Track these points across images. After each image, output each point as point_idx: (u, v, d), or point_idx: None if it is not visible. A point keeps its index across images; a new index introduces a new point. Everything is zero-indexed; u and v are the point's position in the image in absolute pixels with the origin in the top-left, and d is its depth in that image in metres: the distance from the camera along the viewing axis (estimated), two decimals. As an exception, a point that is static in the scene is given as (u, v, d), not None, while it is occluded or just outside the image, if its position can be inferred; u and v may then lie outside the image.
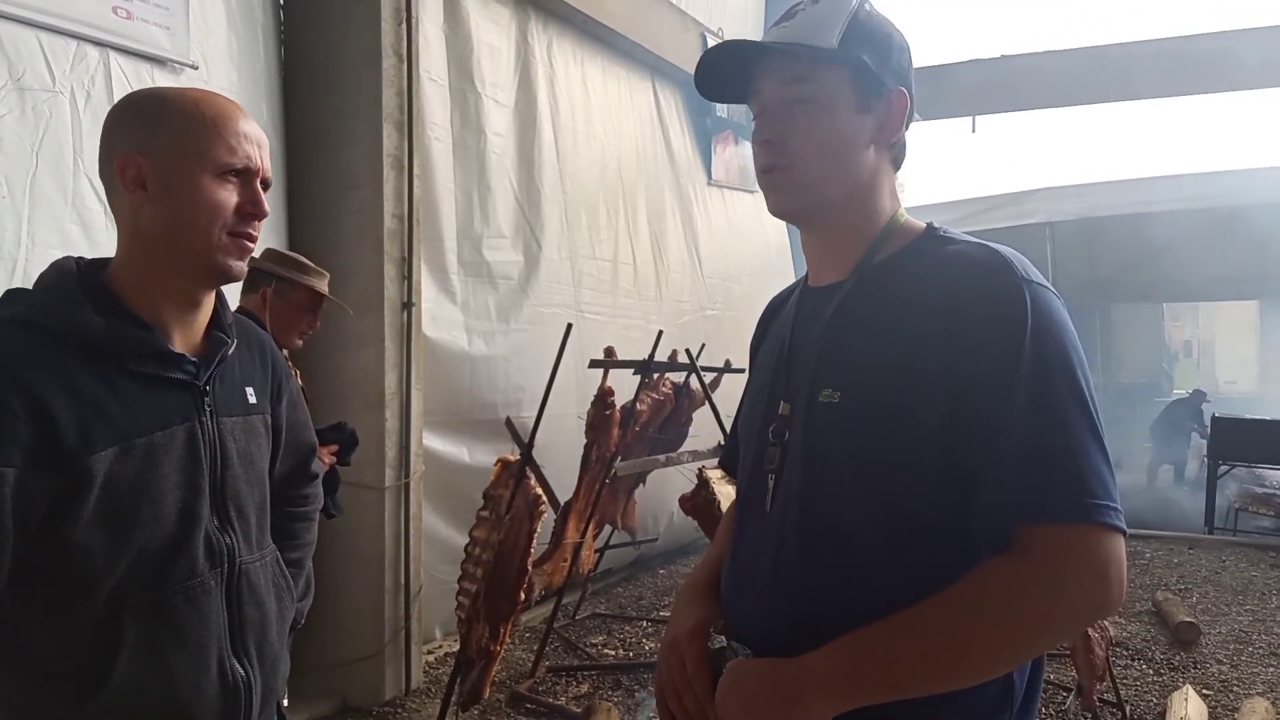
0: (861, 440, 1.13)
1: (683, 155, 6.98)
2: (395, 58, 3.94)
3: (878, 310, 1.18)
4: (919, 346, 1.11)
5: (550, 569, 4.16)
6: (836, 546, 1.15)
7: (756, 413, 1.32)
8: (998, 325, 1.08)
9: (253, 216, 1.31)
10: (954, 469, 1.09)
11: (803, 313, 1.30)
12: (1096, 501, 1.03)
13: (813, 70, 1.19)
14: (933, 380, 1.09)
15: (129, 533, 1.23)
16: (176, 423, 1.29)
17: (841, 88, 1.19)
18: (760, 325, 1.50)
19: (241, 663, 1.36)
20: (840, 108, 1.19)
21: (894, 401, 1.11)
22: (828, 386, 1.18)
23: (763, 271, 8.02)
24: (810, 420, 1.19)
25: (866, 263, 1.23)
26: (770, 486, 1.24)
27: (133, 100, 1.33)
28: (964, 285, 1.11)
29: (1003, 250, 1.15)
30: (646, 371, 4.49)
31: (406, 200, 3.99)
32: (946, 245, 1.19)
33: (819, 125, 1.19)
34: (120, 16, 3.05)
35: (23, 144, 2.79)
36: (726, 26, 7.65)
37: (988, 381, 1.07)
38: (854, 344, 1.19)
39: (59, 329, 1.22)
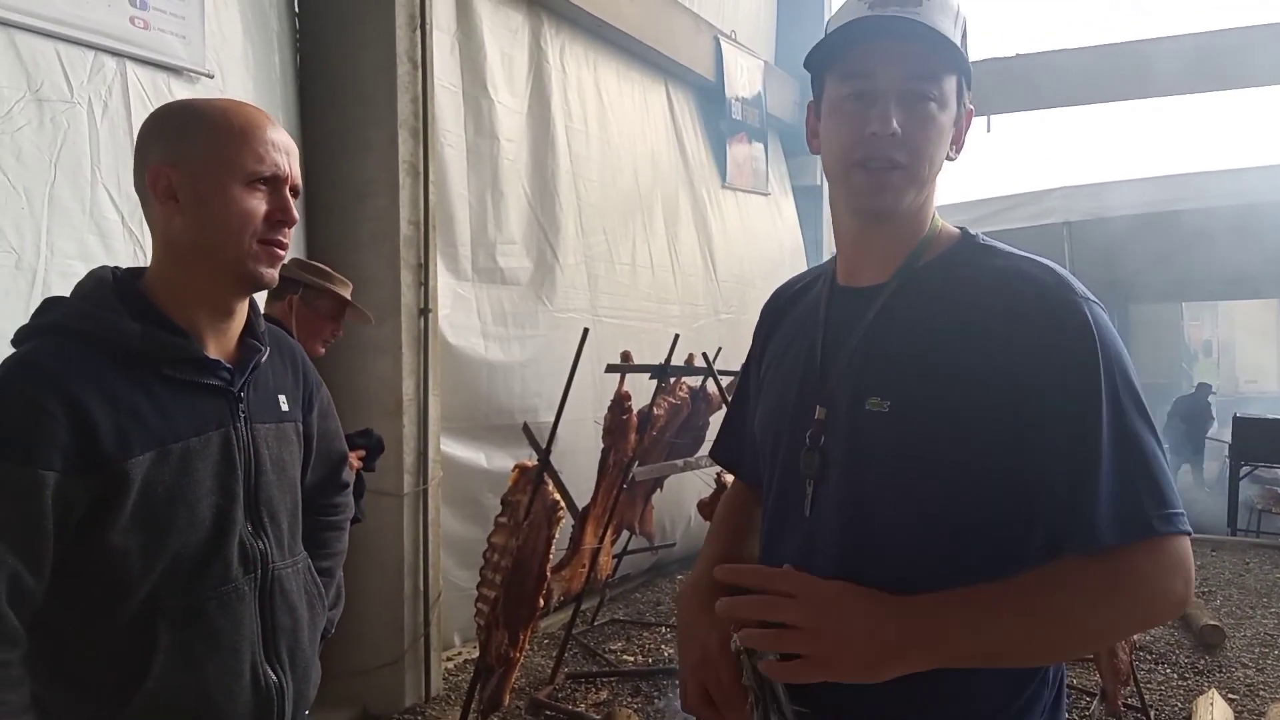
0: (913, 449, 1.13)
1: (697, 158, 6.97)
2: (410, 64, 3.95)
3: (927, 315, 1.17)
4: (978, 358, 1.10)
5: (569, 575, 4.15)
6: (881, 554, 1.14)
7: (782, 415, 1.29)
8: (1070, 351, 1.08)
9: (282, 224, 1.32)
10: (1009, 480, 1.10)
11: (836, 312, 1.27)
12: (1173, 510, 1.07)
13: (941, 68, 1.15)
14: (994, 393, 1.09)
15: (165, 537, 1.24)
16: (212, 428, 1.31)
17: (953, 93, 1.17)
18: (766, 318, 1.45)
19: (274, 668, 1.37)
20: (950, 112, 1.18)
21: (949, 411, 1.11)
22: (875, 394, 1.16)
23: (776, 274, 7.99)
24: (855, 427, 1.17)
25: (910, 265, 1.21)
26: (809, 493, 1.21)
27: (164, 113, 1.35)
28: (1027, 302, 1.11)
29: (1056, 267, 1.15)
30: (663, 376, 4.48)
31: (423, 207, 4.00)
32: (993, 256, 1.19)
33: (940, 128, 1.16)
34: (137, 27, 3.07)
35: (41, 155, 2.80)
36: (740, 29, 7.64)
37: (1064, 410, 1.08)
38: (901, 349, 1.17)
39: (96, 335, 1.24)
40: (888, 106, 1.13)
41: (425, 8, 4.00)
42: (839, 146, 1.19)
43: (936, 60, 1.14)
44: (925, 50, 1.13)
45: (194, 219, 1.28)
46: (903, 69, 1.13)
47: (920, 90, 1.13)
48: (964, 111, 1.21)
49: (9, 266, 2.70)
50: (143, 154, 1.31)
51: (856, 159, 1.16)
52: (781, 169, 8.44)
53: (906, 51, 1.13)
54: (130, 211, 3.00)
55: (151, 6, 3.11)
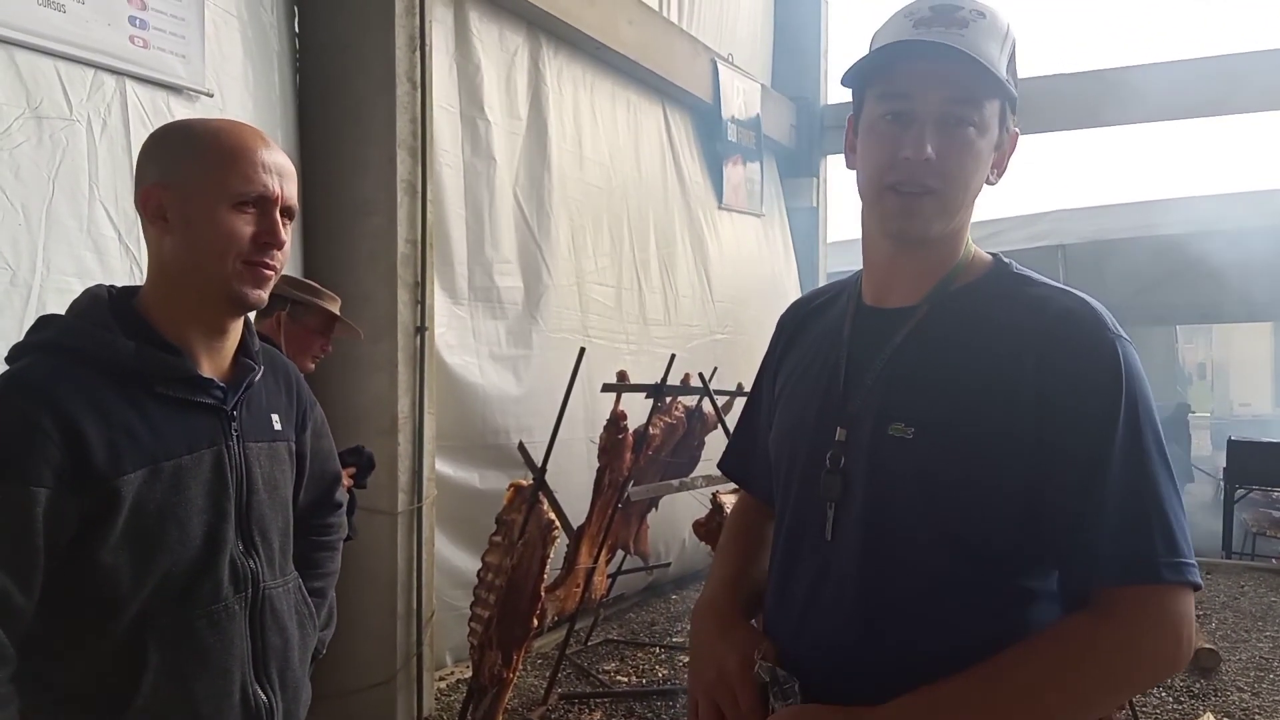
0: (936, 477, 1.11)
1: (693, 180, 7.00)
2: (409, 85, 3.97)
3: (957, 342, 1.15)
4: (1007, 380, 1.09)
5: (563, 594, 4.14)
6: (902, 580, 1.13)
7: (801, 434, 1.26)
8: (1095, 381, 1.07)
9: (269, 246, 1.32)
10: (1025, 508, 1.09)
11: (861, 333, 1.25)
12: (1182, 559, 1.05)
13: (982, 93, 1.13)
14: (1021, 417, 1.08)
15: (156, 555, 1.24)
16: (204, 446, 1.31)
17: (995, 118, 1.15)
18: (784, 330, 1.43)
19: (264, 688, 1.37)
20: (991, 140, 1.16)
21: (974, 435, 1.10)
22: (899, 420, 1.14)
23: (770, 294, 8.01)
24: (878, 452, 1.16)
25: (943, 290, 1.19)
26: (830, 516, 1.19)
27: (161, 133, 1.36)
28: (1059, 331, 1.10)
29: (1091, 301, 1.14)
30: (659, 395, 4.48)
31: (420, 226, 4.01)
32: (1029, 286, 1.18)
33: (976, 154, 1.14)
34: (137, 45, 3.08)
35: (39, 172, 2.81)
36: (737, 53, 7.70)
37: (1082, 438, 1.06)
38: (929, 375, 1.15)
39: (90, 353, 1.24)
40: (923, 131, 1.12)
41: (425, 29, 4.03)
42: (873, 167, 1.17)
43: (978, 85, 1.12)
44: (966, 75, 1.11)
45: (182, 239, 1.29)
46: (942, 93, 1.11)
47: (959, 115, 1.12)
48: (1007, 136, 1.19)
49: (4, 283, 2.70)
50: (140, 174, 1.33)
51: (889, 182, 1.15)
52: (776, 191, 8.48)
53: (946, 75, 1.11)
54: (127, 229, 3.01)
55: (152, 26, 3.12)
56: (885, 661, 1.11)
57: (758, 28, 8.49)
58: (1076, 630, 1.05)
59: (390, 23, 3.92)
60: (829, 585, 1.18)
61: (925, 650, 1.09)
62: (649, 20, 6.28)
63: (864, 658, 1.13)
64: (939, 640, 1.09)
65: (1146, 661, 1.05)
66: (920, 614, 1.11)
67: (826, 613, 1.18)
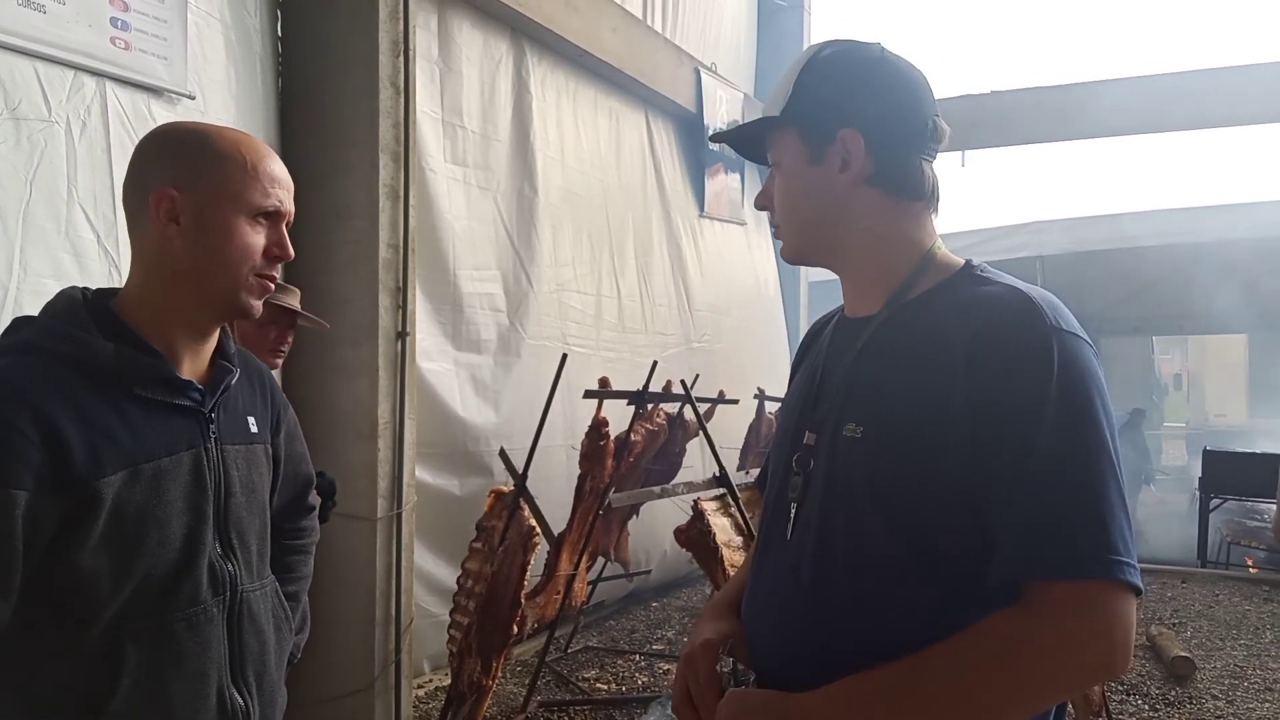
0: (882, 475, 1.13)
1: (674, 188, 7.02)
2: (393, 90, 3.96)
3: (904, 346, 1.19)
4: (942, 386, 1.10)
5: (543, 601, 4.13)
6: (851, 579, 1.15)
7: (785, 440, 1.33)
8: (1023, 374, 1.07)
9: (279, 259, 1.35)
10: (971, 510, 1.08)
11: (836, 343, 1.32)
12: (1117, 558, 1.02)
13: (773, 138, 1.31)
14: (954, 420, 1.08)
15: (135, 558, 1.23)
16: (183, 449, 1.30)
17: (792, 147, 1.27)
18: (801, 347, 1.51)
19: (240, 692, 1.36)
20: (795, 165, 1.27)
21: (914, 437, 1.11)
22: (851, 420, 1.19)
23: (752, 304, 8.05)
24: (833, 452, 1.20)
25: (898, 299, 1.23)
26: (791, 515, 1.24)
27: (172, 134, 1.35)
28: (990, 328, 1.10)
29: (1033, 294, 1.14)
30: (641, 402, 4.48)
31: (402, 231, 4.00)
32: (980, 285, 1.19)
33: (784, 186, 1.30)
34: (118, 47, 3.06)
35: (17, 173, 2.78)
36: (720, 62, 7.74)
37: (1010, 430, 1.06)
38: (878, 378, 1.20)
39: (68, 354, 1.23)
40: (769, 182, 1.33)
41: (409, 34, 4.02)
42: None
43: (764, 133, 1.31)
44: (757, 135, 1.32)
45: (195, 245, 1.29)
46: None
47: (771, 159, 1.31)
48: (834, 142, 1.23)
49: (-20, 284, 2.67)
50: (143, 173, 1.31)
51: None
52: (759, 199, 8.51)
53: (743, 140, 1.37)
54: (106, 232, 2.98)
55: (133, 27, 3.11)
56: (836, 658, 1.12)
57: (741, 37, 8.54)
58: (1003, 625, 1.05)
59: (374, 28, 3.91)
60: (786, 583, 1.22)
61: (875, 648, 1.09)
62: (632, 28, 6.30)
63: (816, 655, 1.16)
64: (889, 638, 1.09)
65: (1074, 661, 1.03)
66: (869, 611, 1.13)
67: (783, 609, 1.22)
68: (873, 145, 1.22)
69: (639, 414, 4.60)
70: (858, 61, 1.26)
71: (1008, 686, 1.04)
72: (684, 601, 6.63)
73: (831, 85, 1.25)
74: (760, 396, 6.32)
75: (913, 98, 1.26)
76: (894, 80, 1.25)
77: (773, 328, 8.52)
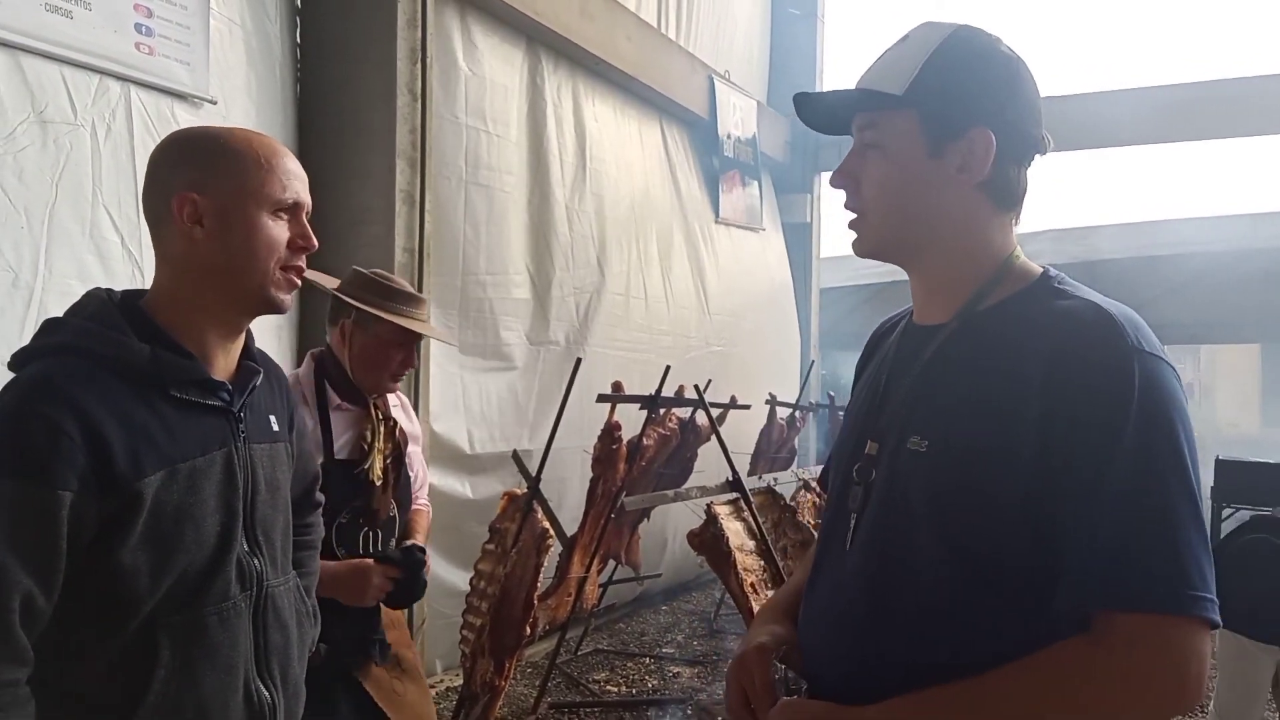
0: (944, 490, 1.10)
1: (690, 194, 7.05)
2: (410, 96, 4.01)
3: (976, 359, 1.14)
4: (1014, 401, 1.06)
5: (555, 603, 4.14)
6: (908, 594, 1.13)
7: (846, 448, 1.30)
8: (1102, 394, 1.02)
9: (304, 249, 1.38)
10: (1035, 529, 1.05)
11: (903, 350, 1.26)
12: (1194, 593, 0.98)
13: (879, 116, 1.18)
14: (1024, 441, 1.04)
15: (173, 555, 1.26)
16: (215, 448, 1.33)
17: (909, 133, 1.16)
18: (866, 350, 1.45)
19: (266, 685, 1.39)
20: (908, 154, 1.17)
21: (980, 452, 1.08)
22: (916, 433, 1.14)
23: (767, 309, 8.06)
24: (895, 465, 1.17)
25: (971, 308, 1.18)
26: (851, 525, 1.21)
27: (186, 140, 1.38)
28: (1068, 347, 1.06)
29: (1115, 312, 1.09)
30: (653, 406, 4.50)
31: (418, 235, 4.04)
32: (1058, 299, 1.14)
33: (886, 172, 1.18)
34: (143, 52, 3.11)
35: (43, 175, 2.83)
36: (734, 70, 7.76)
37: (1085, 451, 1.02)
38: (947, 392, 1.15)
39: (107, 356, 1.26)
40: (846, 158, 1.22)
41: (426, 41, 4.07)
42: None
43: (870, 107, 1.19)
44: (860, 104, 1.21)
45: (220, 245, 1.31)
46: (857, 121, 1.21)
47: (864, 140, 1.20)
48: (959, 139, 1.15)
49: (6, 285, 2.72)
50: (163, 179, 1.34)
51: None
52: (772, 206, 8.54)
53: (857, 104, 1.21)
54: (130, 233, 3.03)
55: (157, 33, 3.16)
56: (888, 672, 1.11)
57: (754, 45, 8.56)
58: (1071, 653, 1.01)
59: (392, 34, 3.96)
60: (843, 594, 1.20)
61: (929, 665, 1.07)
62: (647, 36, 6.34)
63: (870, 668, 1.14)
64: (944, 656, 1.08)
65: (1141, 696, 0.99)
66: (924, 627, 1.10)
67: (839, 621, 1.20)
68: (1000, 151, 1.15)
69: (651, 418, 4.62)
70: (995, 56, 1.18)
71: (1070, 716, 1.02)
72: (694, 605, 6.64)
73: (969, 77, 1.16)
74: (772, 402, 6.33)
75: (1036, 105, 1.20)
76: (1025, 83, 1.19)
77: (786, 333, 8.54)
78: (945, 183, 1.16)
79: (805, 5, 9.03)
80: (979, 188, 1.16)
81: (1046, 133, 1.20)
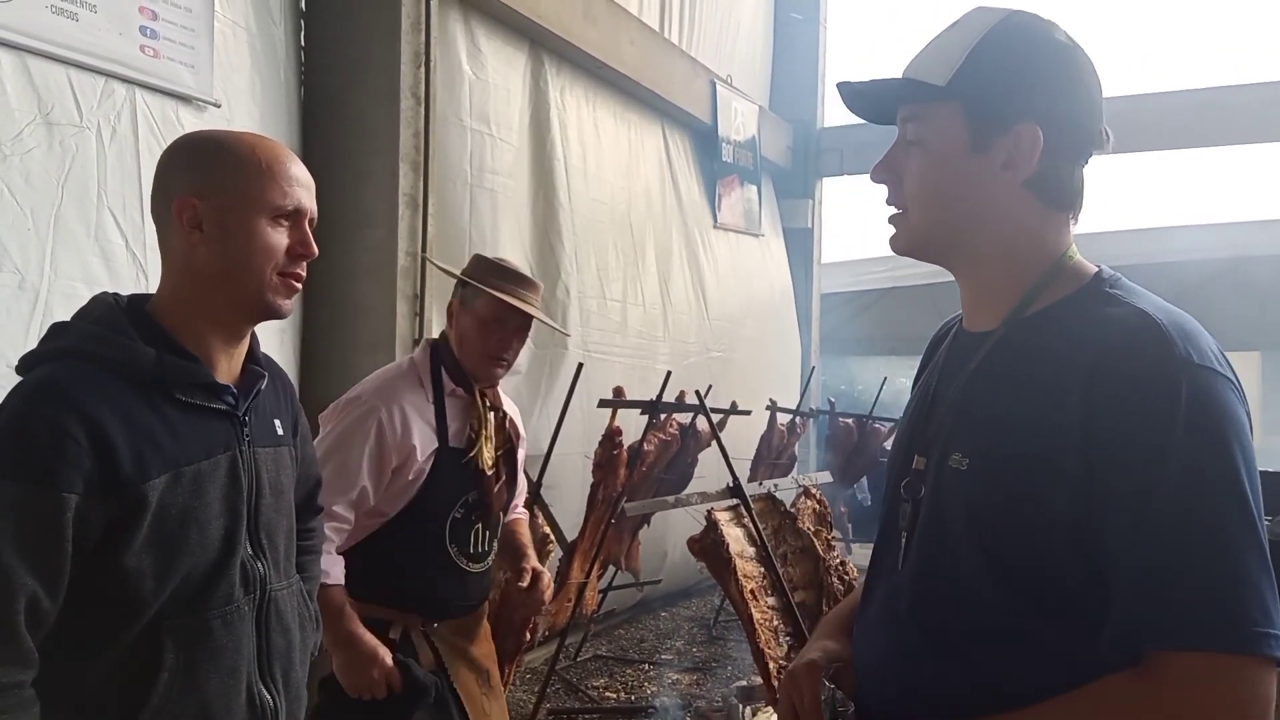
0: (984, 509, 1.05)
1: (690, 198, 7.05)
2: (413, 99, 4.01)
3: (1016, 371, 1.08)
4: (1054, 422, 1.00)
5: (554, 609, 4.14)
6: (956, 617, 1.08)
7: (897, 459, 1.25)
8: (1143, 415, 0.96)
9: (302, 257, 1.38)
10: (1079, 550, 0.99)
11: (951, 359, 1.21)
12: (1255, 629, 0.90)
13: (923, 109, 1.12)
14: (1068, 461, 0.98)
15: (177, 558, 1.27)
16: (219, 451, 1.34)
17: (951, 127, 1.11)
18: (926, 354, 1.37)
19: (269, 688, 1.39)
20: (950, 148, 1.11)
21: (1021, 471, 1.02)
22: (957, 450, 1.09)
23: (767, 315, 8.06)
24: (938, 482, 1.12)
25: (1017, 314, 1.12)
26: (902, 545, 1.16)
27: (190, 144, 1.39)
28: (1109, 359, 0.99)
29: (1165, 320, 1.01)
30: (654, 412, 4.51)
31: (421, 239, 4.05)
32: (1106, 305, 1.07)
33: (928, 168, 1.13)
34: (148, 55, 3.11)
35: (49, 177, 2.83)
36: (736, 74, 7.77)
37: (1130, 480, 0.95)
38: (987, 406, 1.10)
39: (112, 359, 1.27)
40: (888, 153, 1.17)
41: (429, 44, 4.08)
42: None
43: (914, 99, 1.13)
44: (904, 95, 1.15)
45: (219, 250, 1.32)
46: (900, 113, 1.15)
47: (908, 135, 1.14)
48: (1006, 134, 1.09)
49: (12, 287, 2.71)
50: (166, 183, 1.35)
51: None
52: (773, 211, 8.54)
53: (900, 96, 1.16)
54: (134, 236, 3.03)
55: (162, 36, 3.16)
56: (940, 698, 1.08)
57: (756, 50, 8.57)
58: (1122, 689, 0.94)
59: (395, 38, 3.97)
60: (894, 616, 1.16)
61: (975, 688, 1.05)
62: (650, 41, 6.35)
63: (920, 693, 1.11)
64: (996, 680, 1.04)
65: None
66: (976, 652, 1.06)
67: (890, 643, 1.16)
68: (1048, 147, 1.08)
69: (652, 424, 4.62)
70: (1047, 44, 1.10)
71: None
72: (693, 611, 6.64)
73: (1017, 67, 1.09)
74: (772, 408, 6.33)
75: (1095, 98, 1.12)
76: (1083, 74, 1.11)
77: (787, 339, 8.54)
78: (989, 180, 1.10)
79: (808, 10, 9.04)
80: (1026, 185, 1.10)
81: (1107, 128, 1.12)
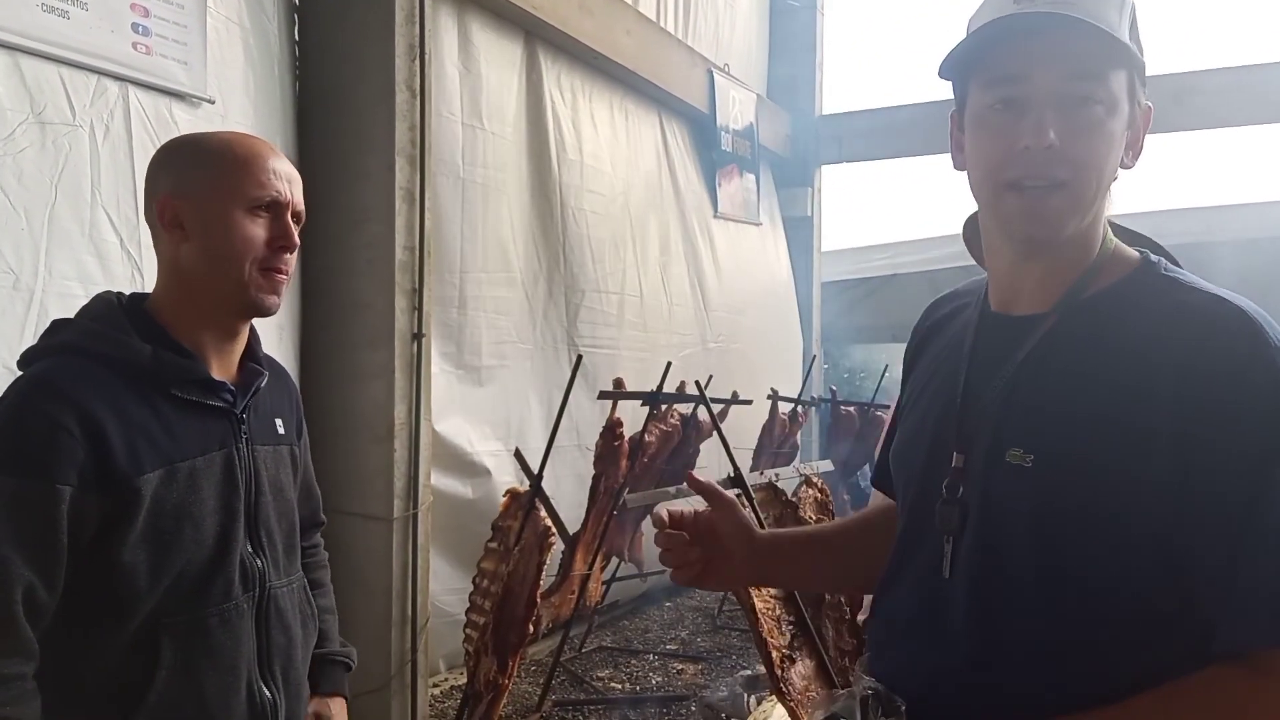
0: (1055, 512, 0.99)
1: (689, 188, 7.04)
2: (408, 93, 3.99)
3: (1088, 357, 1.01)
4: (1142, 416, 0.95)
5: (558, 601, 4.15)
6: (1017, 624, 1.02)
7: (916, 452, 1.17)
8: (1250, 411, 0.91)
9: (284, 249, 1.37)
10: (1166, 556, 0.95)
11: (985, 345, 1.12)
12: None
13: (1106, 66, 0.99)
14: (1156, 464, 0.94)
15: (172, 554, 1.28)
16: (215, 448, 1.35)
17: (1123, 92, 1.01)
18: (914, 339, 1.30)
19: (268, 685, 1.40)
20: (1120, 117, 1.01)
21: (1101, 472, 0.96)
22: (1017, 445, 1.02)
23: (767, 304, 8.05)
24: (992, 479, 1.05)
25: (1074, 297, 1.05)
26: (948, 551, 1.08)
27: (171, 146, 1.42)
28: (1203, 356, 0.94)
29: (1248, 309, 0.97)
30: (655, 403, 4.50)
31: (418, 233, 4.03)
32: (1175, 291, 1.02)
33: (1107, 135, 1.01)
34: (140, 52, 3.10)
35: (42, 177, 2.82)
36: (733, 63, 7.75)
37: (1239, 484, 0.92)
38: (1053, 394, 1.02)
39: (107, 355, 1.28)
40: (1043, 115, 0.98)
41: (424, 38, 4.05)
42: (986, 164, 1.05)
43: (1100, 56, 0.98)
44: (1085, 46, 0.97)
45: (199, 246, 1.33)
46: (1059, 70, 0.98)
47: (1082, 93, 0.99)
48: (1139, 111, 1.04)
49: (7, 287, 2.71)
50: (151, 186, 1.37)
51: (1008, 179, 1.02)
52: (772, 200, 8.52)
53: (1061, 49, 0.98)
54: (129, 234, 3.02)
55: (154, 32, 3.14)
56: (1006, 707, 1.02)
57: (754, 39, 8.54)
58: (1227, 682, 0.92)
59: (390, 31, 3.94)
60: (941, 621, 1.08)
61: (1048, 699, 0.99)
62: (646, 31, 6.32)
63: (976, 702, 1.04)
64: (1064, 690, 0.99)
65: None
66: (1036, 664, 1.01)
67: (938, 649, 1.09)
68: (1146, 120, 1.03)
69: (653, 415, 4.61)
70: None
71: None
72: (697, 602, 6.64)
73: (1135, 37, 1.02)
74: (774, 397, 6.32)
75: None
76: None
77: (787, 328, 8.53)
78: (1117, 160, 1.03)
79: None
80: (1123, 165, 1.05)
81: None
